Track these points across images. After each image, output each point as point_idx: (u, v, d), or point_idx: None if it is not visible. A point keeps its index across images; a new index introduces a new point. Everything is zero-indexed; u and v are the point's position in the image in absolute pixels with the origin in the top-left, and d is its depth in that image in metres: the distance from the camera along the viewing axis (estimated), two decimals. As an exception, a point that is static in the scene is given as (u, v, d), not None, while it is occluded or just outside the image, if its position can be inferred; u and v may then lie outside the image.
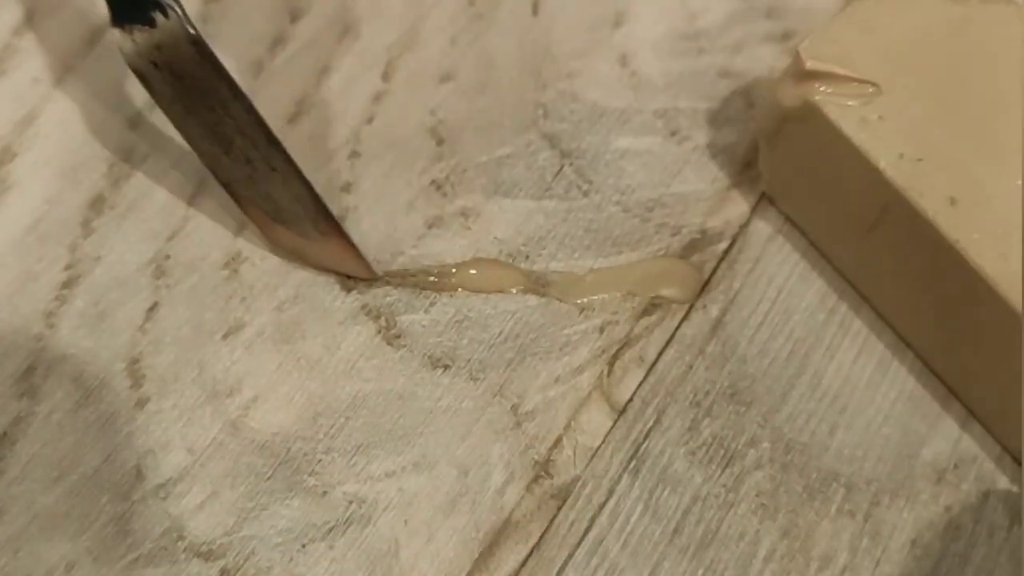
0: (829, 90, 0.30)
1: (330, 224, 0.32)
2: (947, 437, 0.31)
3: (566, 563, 0.29)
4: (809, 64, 0.30)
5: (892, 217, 0.30)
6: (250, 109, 0.31)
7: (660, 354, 0.32)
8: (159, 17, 0.30)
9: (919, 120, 0.30)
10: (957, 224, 0.29)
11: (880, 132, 0.30)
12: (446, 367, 0.32)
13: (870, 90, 0.30)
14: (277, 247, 0.33)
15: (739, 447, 0.31)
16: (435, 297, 0.33)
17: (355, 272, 0.32)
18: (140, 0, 0.30)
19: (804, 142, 0.31)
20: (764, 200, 0.34)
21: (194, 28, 0.30)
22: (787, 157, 0.32)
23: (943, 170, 0.29)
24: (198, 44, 0.30)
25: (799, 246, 0.34)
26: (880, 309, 0.32)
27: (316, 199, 0.31)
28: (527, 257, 0.33)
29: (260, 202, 0.32)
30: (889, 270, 0.31)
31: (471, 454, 0.31)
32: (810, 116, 0.30)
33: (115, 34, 0.31)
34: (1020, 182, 0.29)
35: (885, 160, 0.29)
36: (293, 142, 0.34)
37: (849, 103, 0.30)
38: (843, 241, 0.32)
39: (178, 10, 0.30)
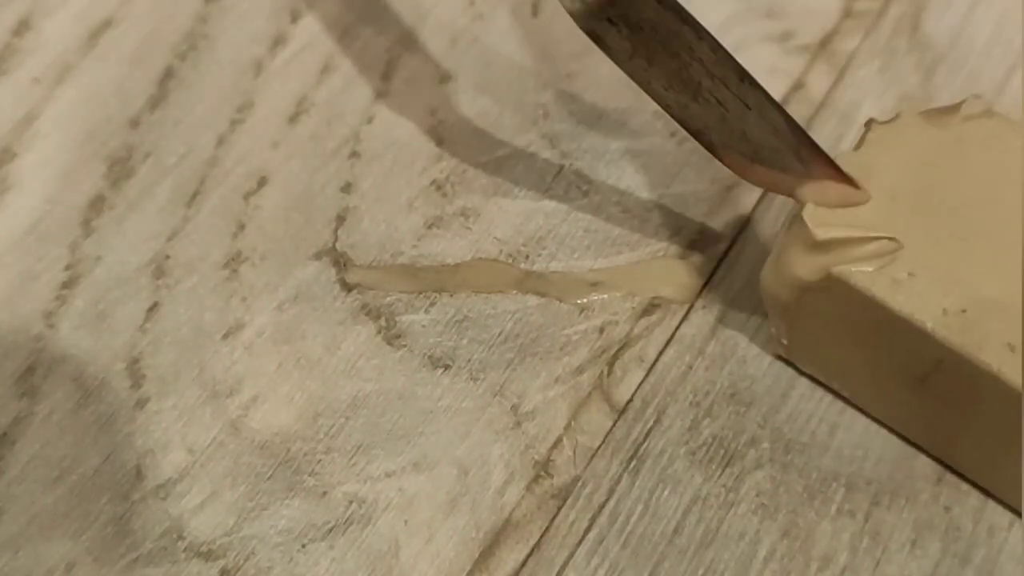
0: (848, 256, 0.28)
1: (813, 151, 0.29)
2: (947, 437, 0.31)
3: (566, 563, 0.29)
4: (820, 234, 0.28)
5: (946, 371, 0.28)
6: (716, 47, 0.29)
7: (660, 354, 0.32)
8: None
9: (948, 268, 0.28)
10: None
11: (915, 290, 0.28)
12: (446, 367, 0.32)
13: (890, 246, 0.28)
14: (758, 185, 0.31)
15: (739, 447, 0.31)
16: (435, 297, 0.33)
17: (842, 200, 0.29)
18: None
19: (829, 310, 0.29)
20: (763, 202, 0.34)
21: None
22: (809, 325, 0.30)
23: (991, 317, 0.28)
24: None
25: (799, 246, 0.33)
26: (936, 454, 0.31)
27: (795, 127, 0.29)
28: (527, 257, 0.33)
29: (735, 144, 0.30)
30: (942, 417, 0.30)
31: (471, 454, 0.31)
32: (834, 287, 0.28)
33: None
34: None
35: (932, 320, 0.28)
36: (293, 142, 0.34)
37: (872, 266, 0.28)
38: (885, 395, 0.30)
39: None
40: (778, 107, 0.29)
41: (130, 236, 0.33)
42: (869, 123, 0.30)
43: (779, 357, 0.32)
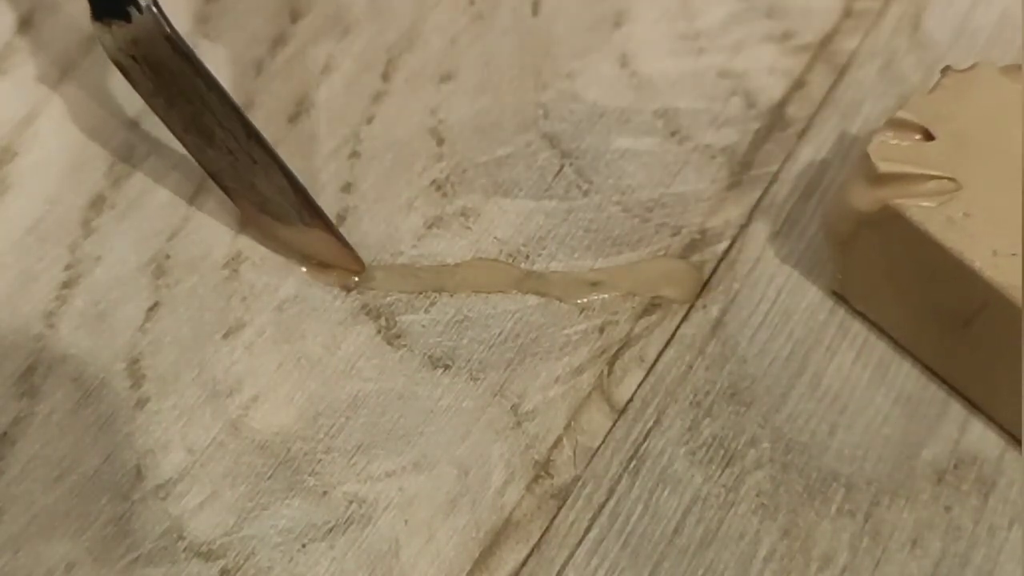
0: (907, 191, 0.29)
1: (314, 215, 0.32)
2: (947, 437, 0.31)
3: (566, 563, 0.29)
4: (882, 167, 0.29)
5: (992, 313, 0.29)
6: (225, 101, 0.31)
7: (660, 354, 0.32)
8: (134, 12, 0.30)
9: (1004, 213, 0.29)
10: None
11: (969, 230, 0.28)
12: (446, 367, 0.32)
13: (949, 186, 0.29)
14: (268, 239, 0.33)
15: (739, 447, 0.31)
16: (435, 297, 0.33)
17: (344, 263, 0.32)
18: None
19: (884, 244, 0.30)
20: (763, 201, 0.34)
21: (168, 23, 0.30)
22: (864, 259, 0.31)
23: None
24: (171, 39, 0.30)
25: (799, 246, 0.33)
26: (976, 401, 0.31)
27: (299, 190, 0.32)
28: (527, 257, 0.33)
29: (246, 192, 0.32)
30: (984, 361, 0.30)
31: (471, 454, 0.31)
32: (891, 220, 0.29)
33: (96, 28, 0.31)
34: None
35: (980, 260, 0.28)
36: (293, 142, 0.34)
37: (929, 203, 0.29)
38: (930, 336, 0.31)
39: (151, 5, 0.30)
40: (282, 168, 0.32)
41: (130, 236, 0.33)
42: (945, 70, 0.31)
43: (834, 293, 0.32)
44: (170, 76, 0.31)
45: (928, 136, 0.30)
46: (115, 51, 0.31)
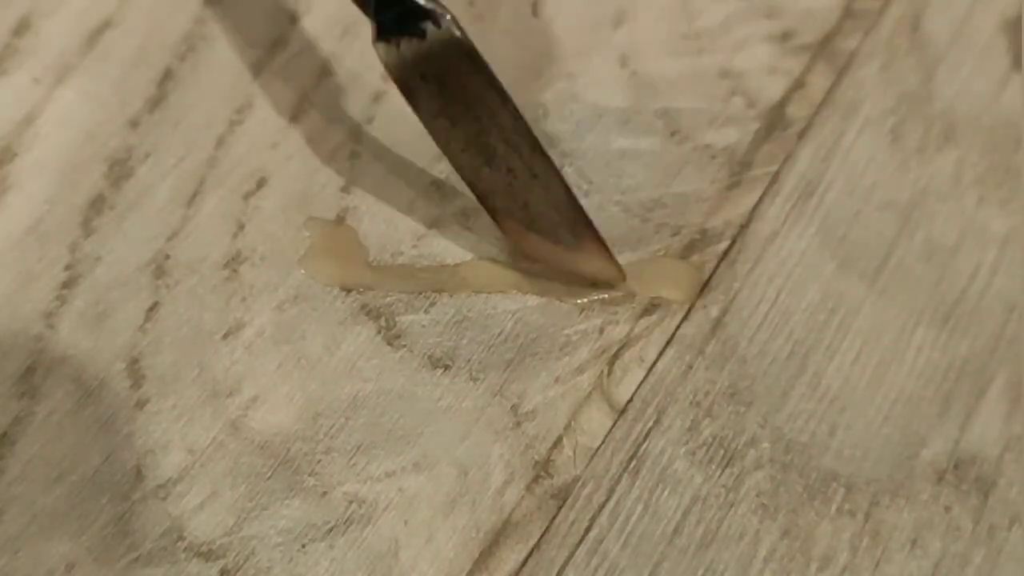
0: None
1: (586, 227, 0.31)
2: (947, 437, 0.31)
3: (566, 563, 0.29)
4: None
5: None
6: (517, 116, 0.30)
7: (660, 354, 0.32)
8: (430, 27, 0.29)
9: None
10: None
11: None
12: (446, 367, 0.32)
13: None
14: (528, 255, 0.32)
15: (739, 447, 0.31)
16: (435, 297, 0.33)
17: (603, 275, 0.32)
18: (411, 11, 0.29)
19: None
20: (763, 202, 0.34)
21: (465, 36, 0.29)
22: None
23: None
24: (471, 53, 0.29)
25: (799, 246, 0.34)
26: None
27: (575, 203, 0.31)
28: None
29: (516, 212, 0.32)
30: None
31: (471, 454, 0.31)
32: None
33: (379, 48, 0.30)
34: None
35: None
36: (293, 142, 0.34)
37: None
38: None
39: (450, 19, 0.29)
40: (562, 180, 0.31)
41: (130, 236, 0.33)
42: None
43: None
44: (460, 92, 0.30)
45: None
46: (402, 70, 0.30)
